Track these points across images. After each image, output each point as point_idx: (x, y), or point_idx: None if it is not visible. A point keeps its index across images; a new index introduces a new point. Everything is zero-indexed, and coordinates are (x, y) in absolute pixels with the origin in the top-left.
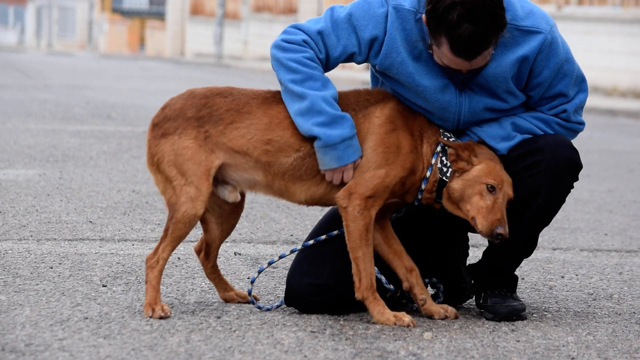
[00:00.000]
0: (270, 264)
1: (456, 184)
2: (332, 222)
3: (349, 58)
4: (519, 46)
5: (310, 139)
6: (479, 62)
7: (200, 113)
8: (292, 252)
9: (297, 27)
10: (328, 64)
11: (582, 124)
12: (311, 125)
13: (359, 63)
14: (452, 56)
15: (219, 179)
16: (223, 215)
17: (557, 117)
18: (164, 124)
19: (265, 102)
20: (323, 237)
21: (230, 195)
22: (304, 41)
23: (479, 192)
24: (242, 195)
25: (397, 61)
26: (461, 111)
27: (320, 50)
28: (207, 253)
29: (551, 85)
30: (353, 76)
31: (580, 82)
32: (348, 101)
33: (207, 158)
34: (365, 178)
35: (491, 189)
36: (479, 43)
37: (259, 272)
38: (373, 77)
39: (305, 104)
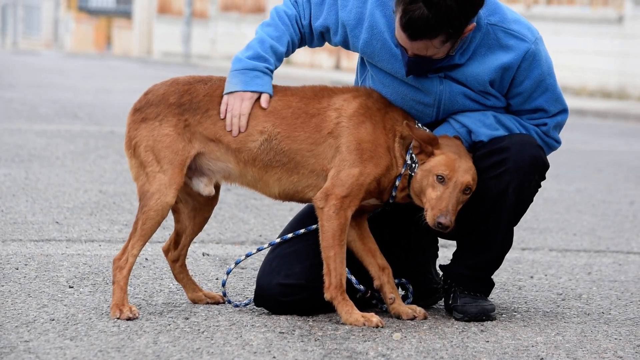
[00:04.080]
0: (237, 263)
1: (416, 176)
2: (302, 224)
3: (327, 35)
4: (502, 50)
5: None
6: (419, 48)
7: (182, 99)
8: (258, 250)
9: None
10: (311, 32)
11: (559, 142)
12: (240, 55)
13: (335, 45)
14: (399, 28)
15: (194, 168)
16: (196, 208)
17: (538, 127)
18: (146, 109)
19: None
20: (290, 235)
21: (205, 188)
22: (295, 1)
23: (432, 183)
24: (216, 190)
25: (377, 47)
26: (441, 98)
27: (305, 16)
28: (177, 243)
29: (531, 97)
30: (321, 76)
31: (563, 103)
32: (323, 93)
33: (185, 147)
34: (340, 177)
35: (440, 180)
36: (423, 27)
37: (227, 273)
38: (361, 65)
39: (251, 41)
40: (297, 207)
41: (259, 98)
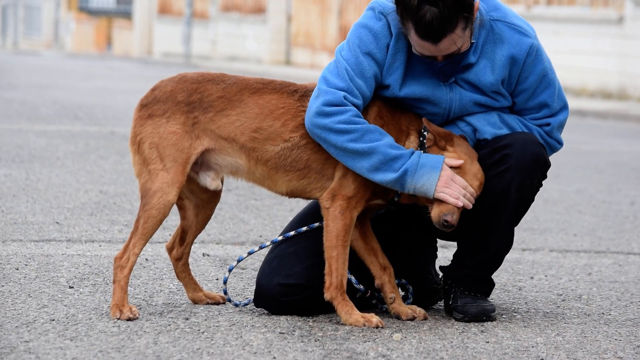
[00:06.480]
0: (239, 260)
1: None
2: (303, 223)
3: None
4: (507, 43)
5: (300, 131)
6: (448, 46)
7: (191, 98)
8: (261, 247)
9: (330, 86)
10: (364, 103)
11: (561, 143)
12: (397, 173)
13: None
14: (419, 40)
15: (201, 163)
16: (199, 206)
17: (540, 128)
18: (153, 105)
19: (257, 92)
20: (292, 233)
21: (212, 182)
22: (345, 98)
23: None
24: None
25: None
26: (451, 107)
27: (358, 97)
28: (182, 240)
29: (535, 93)
30: None
31: (564, 99)
32: None
33: (191, 145)
34: (347, 178)
35: None
36: (441, 24)
37: (230, 270)
38: None
39: (377, 157)
40: (297, 208)
41: None
